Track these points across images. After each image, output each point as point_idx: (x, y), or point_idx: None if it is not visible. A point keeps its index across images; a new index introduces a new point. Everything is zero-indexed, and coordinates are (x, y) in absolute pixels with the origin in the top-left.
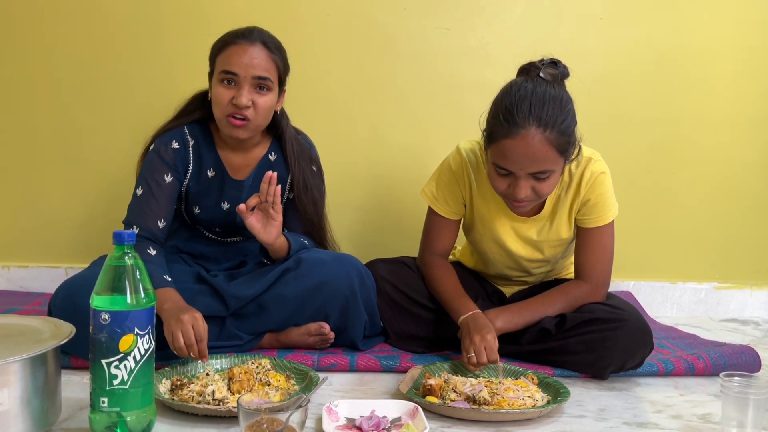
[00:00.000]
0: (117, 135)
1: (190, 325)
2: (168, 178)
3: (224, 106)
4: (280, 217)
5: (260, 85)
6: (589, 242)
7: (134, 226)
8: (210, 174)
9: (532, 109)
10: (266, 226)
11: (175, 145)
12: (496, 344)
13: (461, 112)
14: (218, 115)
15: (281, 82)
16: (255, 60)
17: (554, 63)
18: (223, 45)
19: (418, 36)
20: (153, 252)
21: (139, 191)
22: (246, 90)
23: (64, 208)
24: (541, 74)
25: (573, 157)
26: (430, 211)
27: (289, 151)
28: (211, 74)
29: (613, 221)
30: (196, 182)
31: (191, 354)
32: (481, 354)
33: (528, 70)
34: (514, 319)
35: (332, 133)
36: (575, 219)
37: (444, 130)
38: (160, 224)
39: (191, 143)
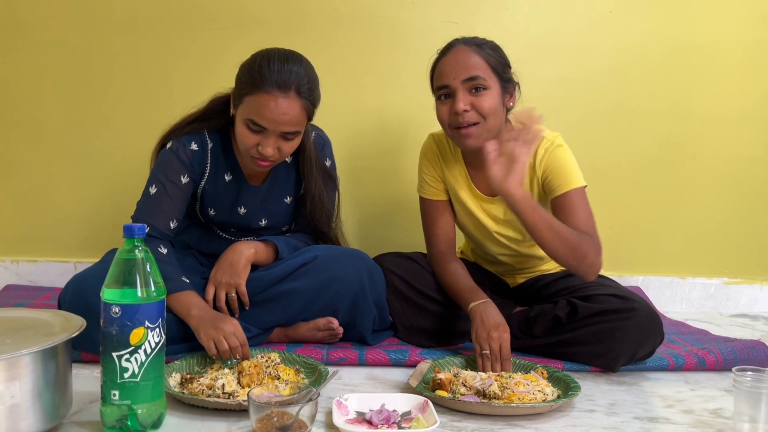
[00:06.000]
0: (125, 129)
1: (231, 332)
2: (184, 179)
3: (248, 147)
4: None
5: (288, 137)
6: (559, 212)
7: (145, 225)
8: (227, 178)
9: (462, 38)
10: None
11: (194, 146)
12: (508, 340)
13: None
14: (241, 150)
15: (310, 120)
16: (286, 116)
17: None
18: (255, 88)
19: (426, 30)
20: (164, 251)
21: (153, 190)
22: (273, 140)
23: (73, 202)
24: None
25: (511, 89)
26: (422, 201)
27: (307, 167)
28: (236, 103)
29: (581, 192)
30: (213, 185)
31: (236, 356)
32: (495, 353)
33: None
34: (534, 206)
35: (340, 127)
36: (545, 194)
37: None
38: (172, 224)
39: (210, 146)
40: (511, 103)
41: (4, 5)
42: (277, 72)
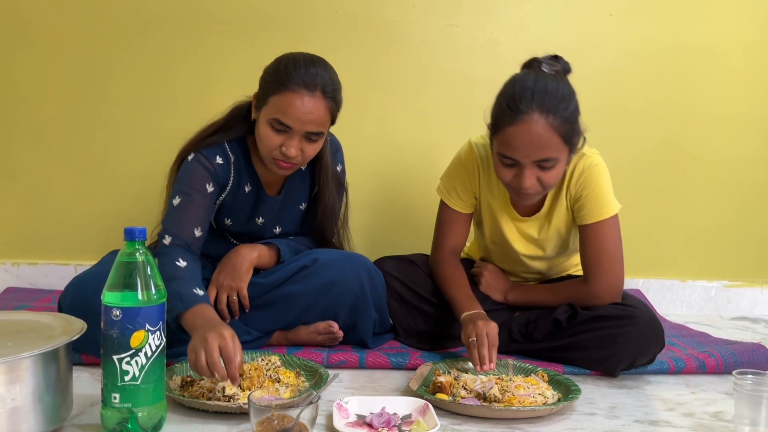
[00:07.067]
0: (128, 133)
1: (216, 344)
2: (210, 188)
3: (271, 149)
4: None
5: (312, 137)
6: (586, 241)
7: (165, 236)
8: (247, 189)
9: (535, 97)
10: None
11: (219, 160)
12: (496, 329)
13: (469, 109)
14: (263, 153)
15: (333, 123)
16: (311, 116)
17: (555, 57)
18: (281, 87)
19: (426, 32)
20: (183, 263)
21: (176, 201)
22: (297, 141)
23: (74, 205)
24: (543, 67)
25: (578, 148)
26: (442, 205)
27: (323, 175)
28: (259, 105)
29: (613, 220)
30: (234, 197)
31: (215, 375)
32: (482, 337)
33: (530, 65)
34: (524, 296)
35: (340, 130)
36: (573, 213)
37: (452, 127)
38: (197, 233)
39: (232, 159)
40: (573, 153)
41: (6, 7)
42: (304, 73)
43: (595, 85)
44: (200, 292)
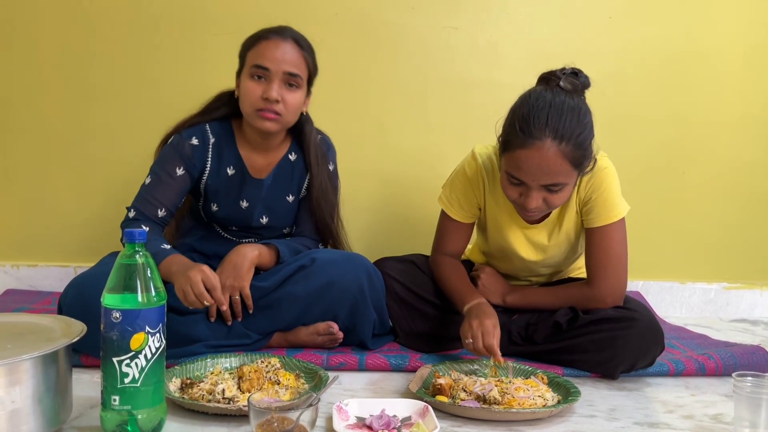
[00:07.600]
0: (126, 135)
1: (199, 278)
2: (179, 171)
3: (254, 100)
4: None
5: (290, 81)
6: (592, 244)
7: (131, 210)
8: (230, 172)
9: (549, 121)
10: None
11: (195, 141)
12: (495, 331)
13: (469, 112)
14: (247, 110)
15: (309, 83)
16: (287, 56)
17: (575, 73)
18: (255, 40)
19: (426, 35)
20: (145, 228)
21: (148, 180)
22: (276, 84)
23: (74, 207)
24: (561, 84)
25: (588, 170)
26: (444, 215)
27: (313, 157)
28: (239, 71)
29: (620, 223)
30: (215, 179)
31: (205, 303)
32: (477, 338)
33: (548, 80)
34: (522, 298)
35: (340, 132)
36: (581, 216)
37: (452, 130)
38: (160, 213)
39: (212, 141)
40: (583, 175)
41: (5, 7)
42: (275, 29)
43: (594, 87)
44: (167, 246)
